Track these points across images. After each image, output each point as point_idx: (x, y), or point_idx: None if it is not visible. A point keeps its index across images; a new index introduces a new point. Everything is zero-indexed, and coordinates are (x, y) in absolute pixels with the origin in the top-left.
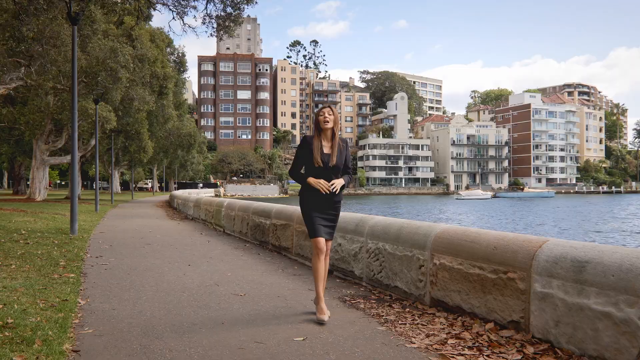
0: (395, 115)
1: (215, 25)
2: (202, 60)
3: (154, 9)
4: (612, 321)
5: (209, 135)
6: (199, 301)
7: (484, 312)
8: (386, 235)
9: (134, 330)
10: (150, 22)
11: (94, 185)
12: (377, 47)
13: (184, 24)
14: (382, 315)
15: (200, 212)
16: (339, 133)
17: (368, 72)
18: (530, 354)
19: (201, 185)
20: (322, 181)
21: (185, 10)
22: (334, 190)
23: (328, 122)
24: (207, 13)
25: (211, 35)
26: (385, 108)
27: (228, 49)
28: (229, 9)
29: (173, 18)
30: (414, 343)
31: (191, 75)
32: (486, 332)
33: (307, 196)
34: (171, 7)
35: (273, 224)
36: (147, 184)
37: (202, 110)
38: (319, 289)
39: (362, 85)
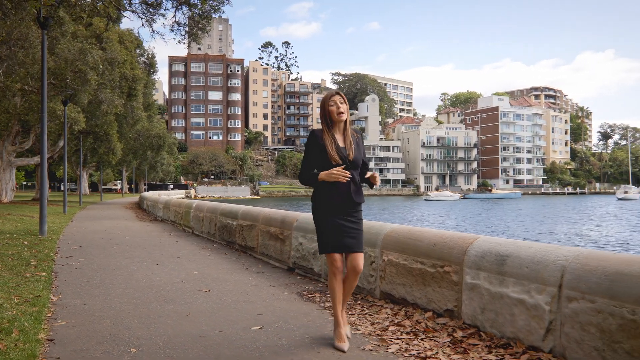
0: (366, 117)
1: (183, 33)
2: (172, 60)
3: (123, 16)
4: (525, 306)
5: (179, 136)
6: (165, 297)
7: (425, 303)
8: None
9: (104, 322)
10: (120, 23)
11: (62, 186)
12: (349, 48)
13: (153, 30)
14: None
15: (169, 214)
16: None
17: (340, 74)
18: (459, 337)
19: (171, 186)
20: (336, 169)
21: (154, 17)
22: (338, 175)
23: (343, 112)
24: (175, 21)
25: (179, 42)
26: (357, 110)
27: (199, 49)
28: (197, 17)
29: (142, 25)
30: (359, 330)
31: (162, 75)
32: (424, 320)
33: (321, 200)
34: (140, 15)
35: (240, 225)
36: (116, 186)
37: (172, 111)
38: (337, 311)
39: (334, 86)
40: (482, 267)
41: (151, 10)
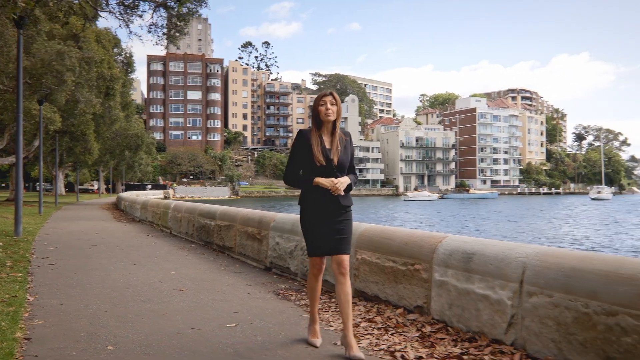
0: (346, 118)
1: (161, 34)
2: (151, 59)
3: (100, 16)
4: (489, 302)
5: (158, 136)
6: (142, 296)
7: (396, 300)
8: None
9: (81, 321)
10: (97, 22)
11: (37, 187)
12: (329, 49)
13: (130, 31)
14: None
15: (147, 214)
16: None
17: (320, 75)
18: (428, 332)
19: (150, 186)
20: (331, 179)
21: (131, 18)
22: (339, 186)
23: (330, 114)
24: (153, 22)
25: (157, 43)
26: None
27: (178, 48)
28: (174, 19)
29: (119, 25)
30: (332, 326)
31: (140, 74)
32: (395, 316)
33: (309, 203)
34: (117, 15)
35: (217, 225)
36: (93, 186)
37: (151, 111)
38: (314, 309)
39: (314, 87)
40: (450, 265)
41: (128, 11)
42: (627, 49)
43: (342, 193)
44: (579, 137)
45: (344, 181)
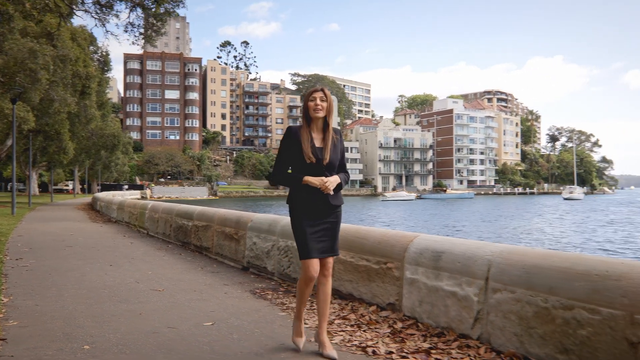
0: None
1: (137, 34)
2: (128, 58)
3: (75, 14)
4: (457, 298)
5: (135, 135)
6: (118, 296)
7: (369, 297)
8: None
9: (57, 322)
10: (72, 19)
11: (9, 187)
12: (309, 49)
13: (107, 31)
14: (286, 304)
15: (124, 215)
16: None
17: (299, 75)
18: (399, 328)
19: (126, 187)
20: (320, 178)
21: (107, 17)
22: (329, 186)
23: (320, 110)
24: (129, 22)
25: (133, 43)
26: None
27: (155, 47)
28: (151, 19)
29: (95, 25)
30: (307, 324)
31: (116, 73)
32: (368, 313)
33: (298, 202)
34: (93, 15)
35: (195, 226)
36: (68, 186)
37: (127, 110)
38: (300, 309)
39: (293, 87)
40: (420, 263)
41: (104, 10)
42: (600, 53)
43: (332, 192)
44: (553, 139)
45: (333, 180)
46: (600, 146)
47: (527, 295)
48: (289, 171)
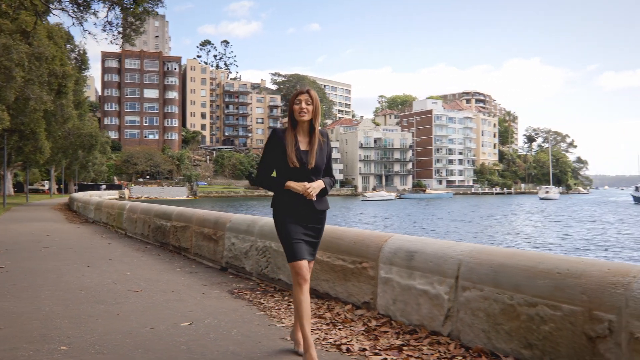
0: None
1: (116, 33)
2: (106, 56)
3: (52, 13)
4: (429, 296)
5: (113, 134)
6: (96, 297)
7: (345, 296)
8: (273, 234)
9: (34, 323)
10: (48, 16)
11: None
12: (289, 49)
13: (84, 30)
14: (263, 304)
15: (101, 215)
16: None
17: (279, 75)
18: (373, 326)
19: (104, 187)
20: (303, 184)
21: (85, 16)
22: (311, 192)
23: (305, 113)
24: (108, 21)
25: (111, 42)
26: None
27: (134, 45)
28: (130, 18)
29: (73, 24)
30: (283, 323)
31: (94, 71)
32: (344, 312)
33: (282, 206)
34: (70, 14)
35: (173, 226)
36: (44, 186)
37: (105, 109)
38: (305, 328)
39: (274, 87)
40: (394, 263)
41: (81, 9)
42: (576, 55)
43: (314, 198)
44: (529, 139)
45: (317, 186)
46: (575, 147)
47: (494, 293)
48: (273, 174)
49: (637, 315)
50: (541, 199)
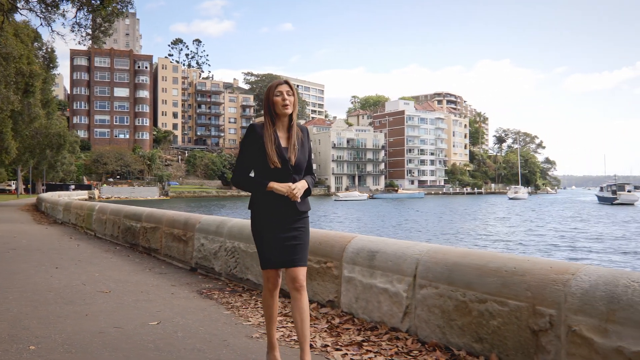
0: None
1: (84, 34)
2: (74, 54)
3: (19, 13)
4: (389, 294)
5: (82, 134)
6: (64, 298)
7: (311, 295)
8: (241, 235)
9: (2, 324)
10: (15, 14)
11: None
12: (262, 48)
13: (52, 30)
14: (231, 303)
15: (70, 216)
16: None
17: (252, 74)
18: (336, 323)
19: (73, 187)
20: (288, 184)
21: (53, 17)
22: (297, 193)
23: (288, 105)
24: (76, 21)
25: (80, 43)
26: None
27: (104, 43)
28: (99, 20)
29: (41, 24)
30: (250, 321)
31: (62, 69)
32: (309, 310)
33: (263, 209)
34: (38, 14)
35: (143, 227)
36: (11, 186)
37: (74, 107)
38: (271, 332)
39: (246, 87)
40: (357, 262)
41: (49, 9)
42: (544, 57)
43: (299, 200)
44: (499, 140)
45: (301, 187)
46: (544, 147)
47: (448, 291)
48: (252, 176)
49: (575, 309)
50: (510, 198)
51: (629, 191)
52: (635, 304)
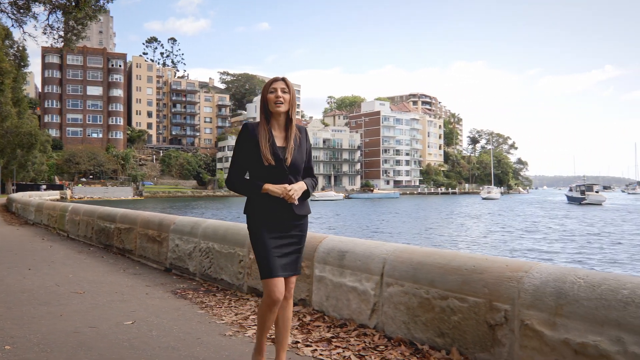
0: (254, 118)
1: (57, 37)
2: (46, 51)
3: None
4: (357, 292)
5: (54, 132)
6: (38, 299)
7: None
8: (215, 235)
9: None
10: None
11: None
12: (239, 48)
13: (24, 32)
14: (205, 302)
15: (42, 217)
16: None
17: (228, 74)
18: (307, 321)
19: (44, 187)
20: (284, 186)
21: (25, 19)
22: (293, 195)
23: (282, 102)
24: (48, 24)
25: (52, 45)
26: (245, 110)
27: (76, 47)
28: (71, 22)
29: (12, 25)
30: (224, 320)
31: (34, 66)
32: None
33: (258, 213)
34: (10, 15)
35: (117, 228)
36: None
37: (46, 106)
38: (263, 339)
39: (222, 86)
40: (327, 262)
41: (21, 11)
42: (518, 59)
43: (296, 202)
44: (473, 141)
45: (298, 188)
46: (516, 148)
47: (413, 288)
48: (247, 177)
49: (527, 305)
50: (483, 198)
51: (597, 192)
52: (581, 299)
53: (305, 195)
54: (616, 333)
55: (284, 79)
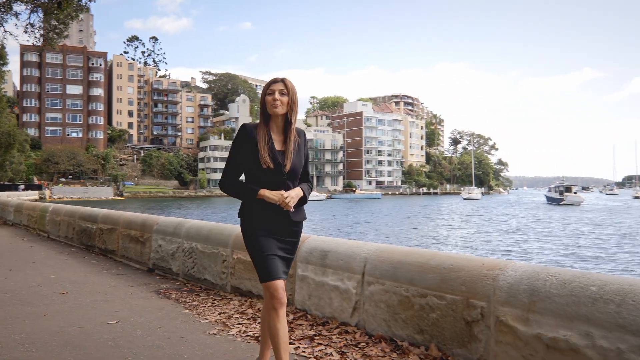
0: (237, 118)
1: (38, 36)
2: (24, 49)
3: None
4: (339, 291)
5: (32, 132)
6: (21, 300)
7: None
8: (199, 236)
9: None
10: None
11: None
12: (221, 47)
13: (5, 31)
14: (189, 302)
15: (22, 217)
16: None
17: (210, 73)
18: (290, 319)
19: (22, 187)
20: (280, 192)
21: (5, 17)
22: (290, 202)
23: (279, 105)
24: (30, 23)
25: (33, 44)
26: (227, 110)
27: (58, 48)
28: (53, 22)
29: None
30: (208, 319)
31: (12, 64)
32: None
33: (254, 217)
34: None
35: (99, 229)
36: None
37: (24, 105)
38: (280, 353)
39: (204, 86)
40: (310, 261)
41: (2, 10)
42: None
43: (292, 209)
44: (455, 141)
45: (295, 195)
46: (497, 149)
47: (393, 287)
48: (242, 180)
49: (502, 302)
50: (464, 199)
51: (575, 192)
52: (552, 296)
53: (302, 201)
54: (585, 328)
55: (283, 80)
